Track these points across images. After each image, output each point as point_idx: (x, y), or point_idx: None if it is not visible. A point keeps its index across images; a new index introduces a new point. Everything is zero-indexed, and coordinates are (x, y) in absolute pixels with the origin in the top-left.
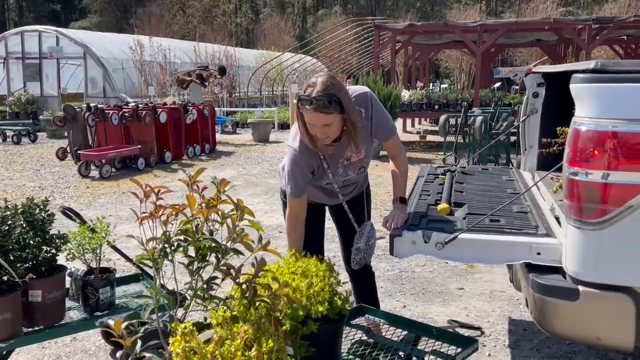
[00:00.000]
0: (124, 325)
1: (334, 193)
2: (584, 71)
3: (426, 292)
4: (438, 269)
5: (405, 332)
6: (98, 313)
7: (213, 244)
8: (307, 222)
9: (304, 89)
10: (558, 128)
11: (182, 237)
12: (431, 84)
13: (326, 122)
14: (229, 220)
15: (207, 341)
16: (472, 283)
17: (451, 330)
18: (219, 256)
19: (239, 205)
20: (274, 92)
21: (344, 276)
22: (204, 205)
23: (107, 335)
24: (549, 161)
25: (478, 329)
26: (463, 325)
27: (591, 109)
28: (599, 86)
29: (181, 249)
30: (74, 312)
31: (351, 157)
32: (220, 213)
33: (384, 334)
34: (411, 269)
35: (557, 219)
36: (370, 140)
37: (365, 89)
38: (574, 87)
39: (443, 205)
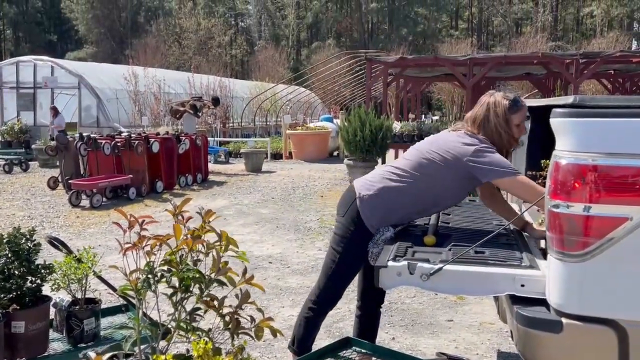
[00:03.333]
0: (105, 357)
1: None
2: (563, 106)
3: (415, 324)
4: (428, 300)
5: None
6: (82, 344)
7: (197, 275)
8: (354, 266)
9: (504, 98)
10: (542, 161)
11: (165, 268)
12: (423, 115)
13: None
14: (214, 252)
15: None
16: (462, 315)
17: None
18: (203, 287)
19: (222, 236)
20: (268, 123)
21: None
22: (188, 236)
23: None
24: None
25: None
26: (452, 358)
27: (571, 142)
28: (578, 121)
29: (164, 279)
30: (57, 344)
31: None
32: (205, 244)
33: None
34: (401, 300)
35: (543, 250)
36: None
37: None
38: (554, 122)
39: (429, 237)
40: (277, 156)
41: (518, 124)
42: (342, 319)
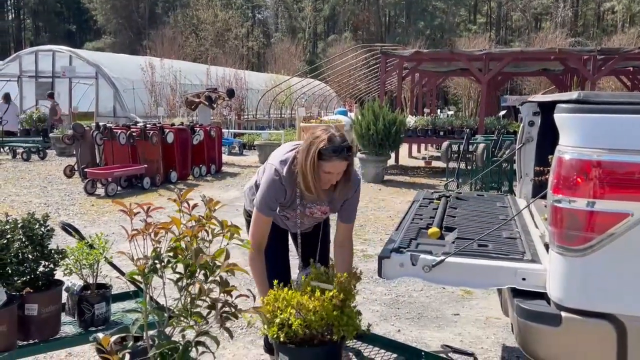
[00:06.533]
0: (112, 339)
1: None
2: (567, 101)
3: (421, 317)
4: (435, 294)
5: (395, 356)
6: (93, 328)
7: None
8: (274, 238)
9: (325, 140)
10: (550, 156)
11: (171, 254)
12: (439, 110)
13: (344, 169)
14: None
15: None
16: (468, 309)
17: (443, 356)
18: (208, 274)
19: (223, 224)
20: (282, 115)
21: None
22: (191, 223)
23: (102, 351)
24: (543, 189)
25: (471, 355)
26: (456, 351)
27: (574, 138)
28: (582, 116)
29: (170, 265)
30: (69, 327)
31: (314, 213)
32: (210, 232)
33: (374, 357)
34: (408, 293)
35: (547, 245)
36: (338, 208)
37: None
38: (558, 117)
39: (433, 229)
40: None
41: (328, 171)
42: None
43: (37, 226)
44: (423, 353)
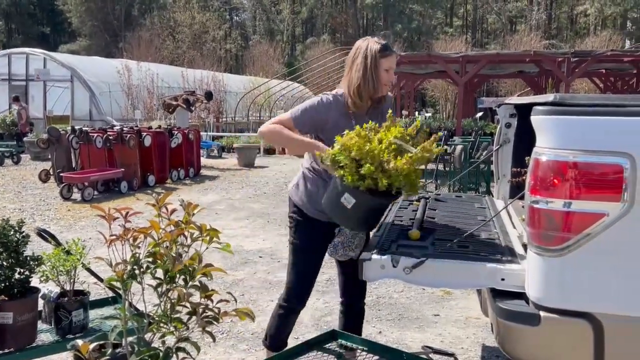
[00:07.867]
0: (91, 347)
1: None
2: (544, 104)
3: (402, 318)
4: (415, 295)
5: (377, 358)
6: (70, 336)
7: (181, 267)
8: (311, 254)
9: (374, 41)
10: (527, 158)
11: (150, 259)
12: (417, 112)
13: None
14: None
15: None
16: (448, 310)
17: (424, 357)
18: (187, 279)
19: (202, 228)
20: (261, 118)
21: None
22: (169, 228)
23: (80, 359)
24: (521, 190)
25: (451, 355)
26: (437, 352)
27: (551, 139)
28: (558, 118)
29: (149, 271)
30: (45, 335)
31: None
32: (189, 236)
33: (356, 359)
34: (389, 294)
35: (525, 246)
36: None
37: None
38: (535, 119)
39: (413, 230)
40: (270, 151)
41: (387, 69)
42: (330, 313)
43: (11, 232)
44: (404, 355)
